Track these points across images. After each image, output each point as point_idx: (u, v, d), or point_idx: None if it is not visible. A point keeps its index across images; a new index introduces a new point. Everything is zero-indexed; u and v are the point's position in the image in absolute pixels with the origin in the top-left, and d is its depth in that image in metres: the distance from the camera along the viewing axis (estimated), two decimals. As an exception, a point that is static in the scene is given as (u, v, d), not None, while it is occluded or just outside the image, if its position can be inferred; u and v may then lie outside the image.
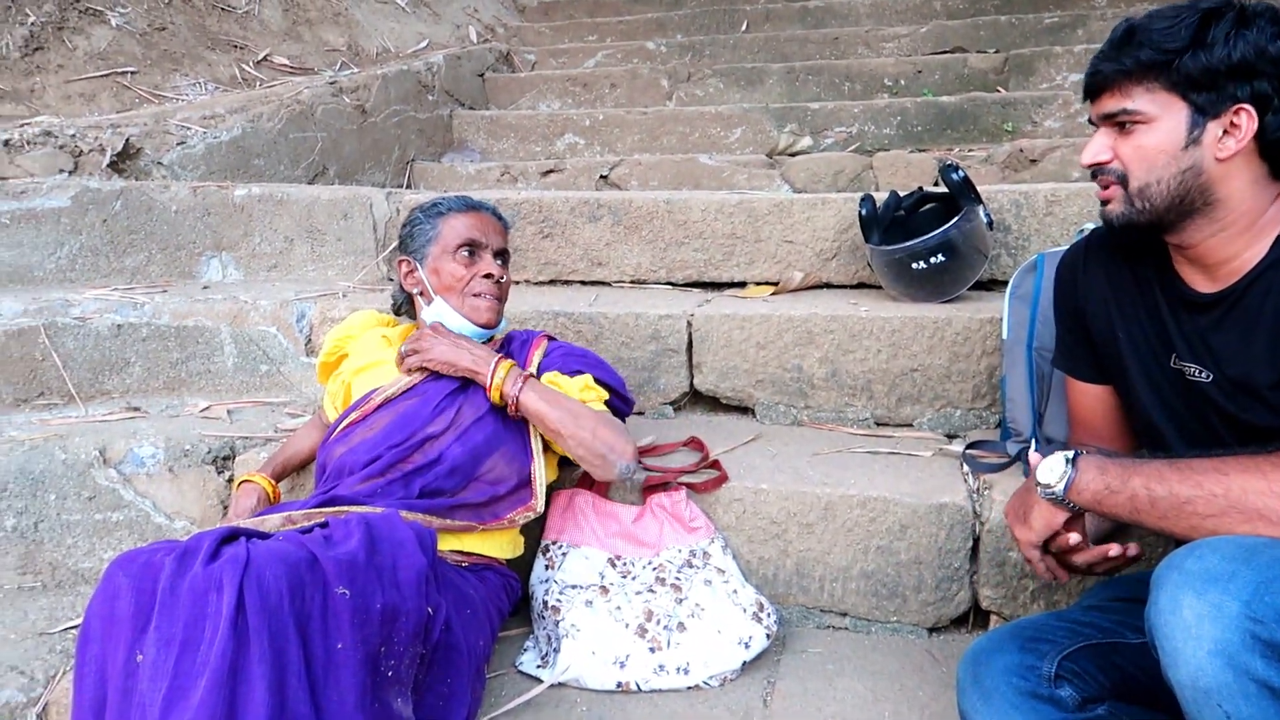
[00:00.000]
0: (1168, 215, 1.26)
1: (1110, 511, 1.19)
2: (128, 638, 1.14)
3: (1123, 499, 1.17)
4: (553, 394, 1.67)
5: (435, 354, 1.68)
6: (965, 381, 2.04)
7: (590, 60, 4.78)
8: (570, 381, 1.74)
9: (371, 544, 1.28)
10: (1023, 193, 2.30)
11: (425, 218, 1.82)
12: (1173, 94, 1.22)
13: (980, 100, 3.68)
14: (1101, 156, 1.28)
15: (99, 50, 3.43)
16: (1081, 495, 1.21)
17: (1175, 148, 1.23)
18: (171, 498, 1.99)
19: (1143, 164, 1.25)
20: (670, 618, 1.59)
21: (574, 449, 1.65)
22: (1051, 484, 1.23)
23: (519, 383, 1.65)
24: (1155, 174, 1.24)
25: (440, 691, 1.37)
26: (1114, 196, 1.28)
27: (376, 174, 3.76)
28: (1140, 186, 1.26)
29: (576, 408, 1.67)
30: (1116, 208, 1.29)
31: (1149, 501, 1.15)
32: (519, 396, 1.64)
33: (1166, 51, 1.20)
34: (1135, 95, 1.24)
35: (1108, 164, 1.28)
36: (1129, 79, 1.24)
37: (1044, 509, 1.26)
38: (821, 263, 2.43)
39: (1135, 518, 1.16)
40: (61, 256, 2.66)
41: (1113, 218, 1.30)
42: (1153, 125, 1.24)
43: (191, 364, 2.40)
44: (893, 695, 1.54)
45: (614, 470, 1.65)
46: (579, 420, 1.64)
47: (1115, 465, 1.20)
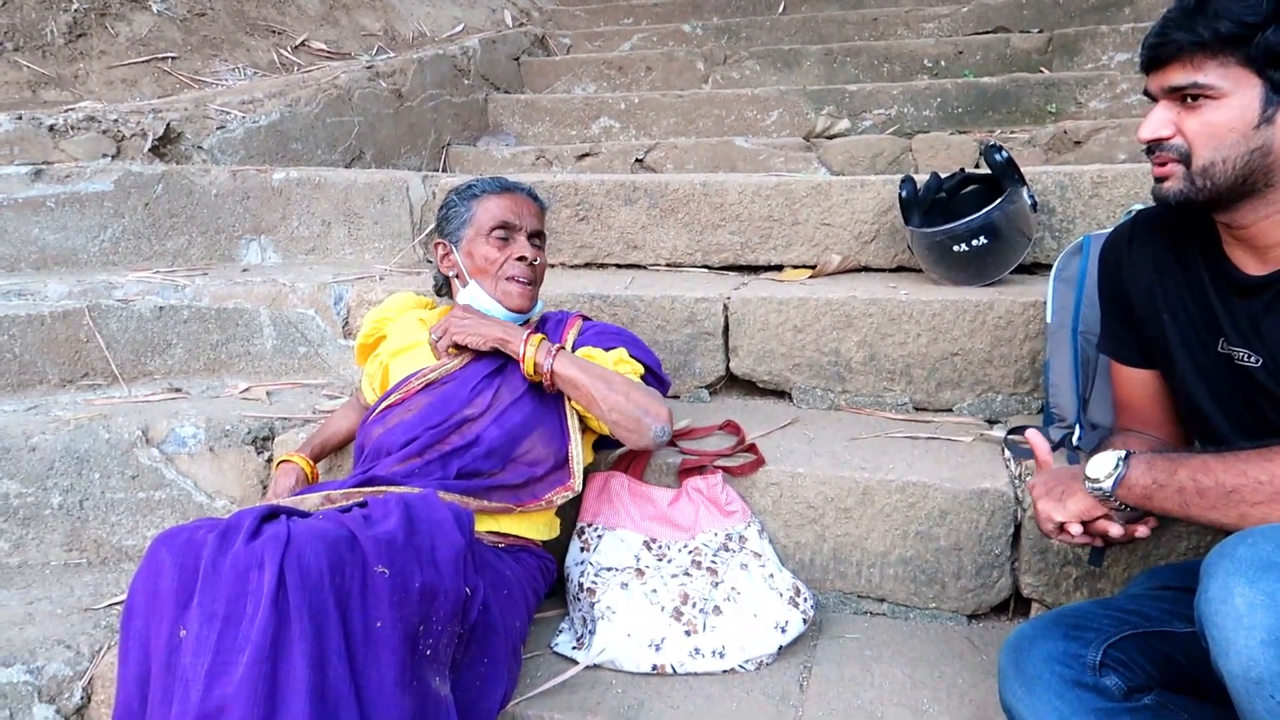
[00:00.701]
0: (1228, 195, 1.21)
1: (1160, 507, 1.17)
2: (171, 613, 1.16)
3: (1170, 492, 1.15)
4: (585, 363, 1.67)
5: (465, 328, 1.68)
6: (1007, 366, 2.01)
7: (626, 43, 4.75)
8: (605, 355, 1.74)
9: (410, 524, 1.28)
10: (1068, 174, 2.25)
11: (460, 200, 1.81)
12: (1248, 69, 1.16)
13: (1023, 81, 3.61)
14: (1163, 132, 1.22)
15: (140, 36, 3.47)
16: (1131, 491, 1.19)
17: (1246, 126, 1.17)
18: (212, 477, 2.02)
19: (1209, 141, 1.19)
20: (706, 601, 1.59)
21: (608, 414, 1.63)
22: (1100, 480, 1.21)
23: (552, 353, 1.65)
24: (1222, 152, 1.19)
25: (477, 671, 1.37)
26: (1173, 174, 1.23)
27: (412, 158, 3.78)
28: (1205, 165, 1.20)
29: (609, 374, 1.66)
30: (1175, 185, 1.23)
31: (1196, 493, 1.13)
32: (553, 366, 1.64)
33: (1246, 25, 1.14)
34: (1207, 69, 1.17)
35: (1168, 140, 1.22)
36: (1202, 51, 1.17)
37: (1084, 498, 1.24)
38: (860, 246, 2.40)
39: (1185, 511, 1.14)
40: (105, 239, 2.70)
41: (1169, 195, 1.24)
42: (1223, 101, 1.17)
43: (231, 346, 2.42)
44: (931, 682, 1.52)
45: (649, 434, 1.64)
46: (612, 385, 1.64)
47: (1162, 460, 1.18)
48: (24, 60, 3.20)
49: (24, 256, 2.64)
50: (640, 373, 1.76)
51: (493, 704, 1.39)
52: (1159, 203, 1.29)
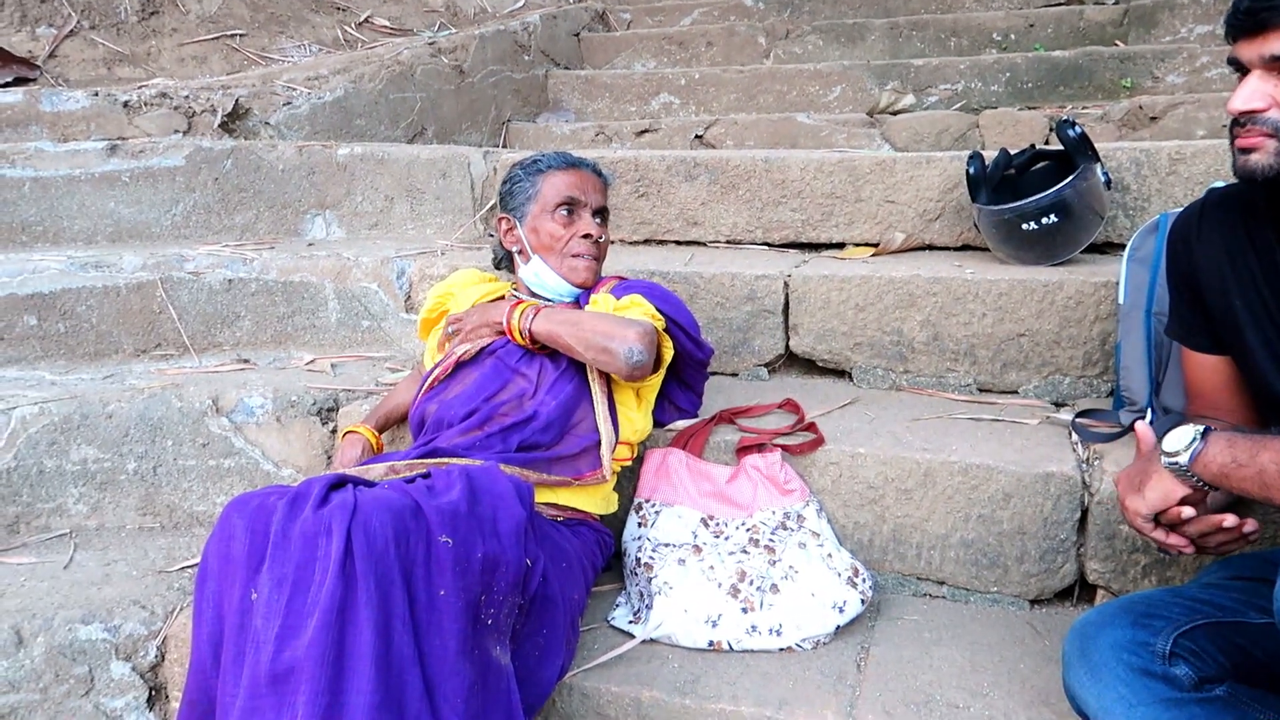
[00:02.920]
0: None
1: (1238, 486, 1.13)
2: (243, 577, 1.19)
3: (1251, 473, 1.11)
4: (560, 314, 1.68)
5: (469, 324, 1.75)
6: (1076, 348, 1.96)
7: (686, 18, 4.71)
8: (614, 302, 1.74)
9: (473, 495, 1.30)
10: (1144, 150, 2.18)
11: (525, 175, 1.82)
12: None
13: (1097, 55, 3.50)
14: (1257, 103, 1.16)
15: (210, 14, 3.53)
16: (1208, 468, 1.15)
17: None
18: (279, 446, 2.06)
19: None
20: (763, 579, 1.58)
21: (585, 353, 1.63)
22: (1177, 454, 1.17)
23: (530, 315, 1.67)
24: None
25: (537, 642, 1.39)
26: (1262, 147, 1.17)
27: (473, 134, 3.80)
28: None
29: (580, 317, 1.67)
30: (1265, 159, 1.18)
31: (1279, 475, 1.08)
32: (530, 328, 1.67)
33: None
34: None
35: (1262, 112, 1.16)
36: None
37: (1163, 480, 1.20)
38: (924, 224, 2.36)
39: (1265, 493, 1.10)
40: (176, 214, 2.77)
41: (1258, 169, 1.18)
42: None
43: (297, 319, 2.47)
44: (992, 666, 1.50)
45: (620, 358, 1.60)
46: (579, 325, 1.64)
47: (1244, 440, 1.14)
48: (100, 38, 3.28)
49: (100, 229, 2.72)
50: (653, 314, 1.73)
51: (551, 674, 1.41)
52: (1242, 179, 1.23)
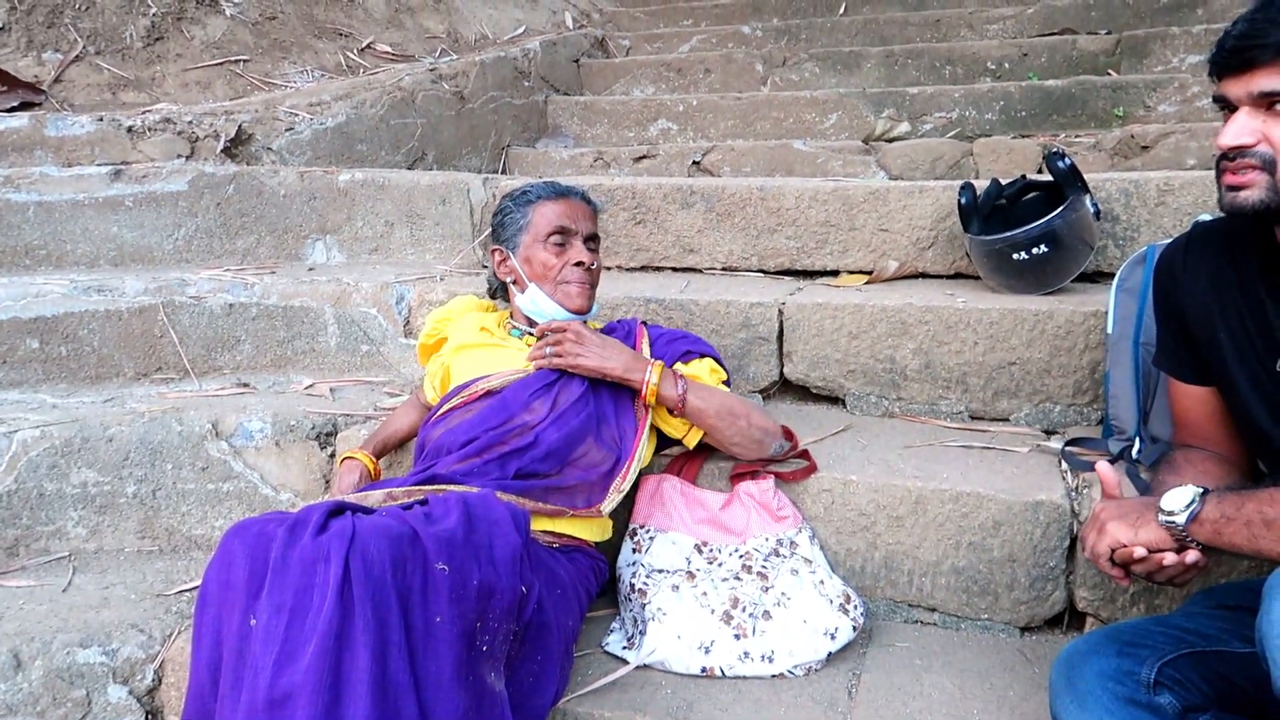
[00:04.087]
0: None
1: (1230, 542, 1.15)
2: (242, 603, 1.21)
3: (1239, 525, 1.14)
4: (707, 391, 1.73)
5: (585, 362, 1.69)
6: (1066, 376, 1.99)
7: (685, 45, 4.77)
8: (698, 367, 1.81)
9: (469, 522, 1.32)
10: (1133, 181, 2.22)
11: (515, 206, 1.85)
12: None
13: (1089, 84, 3.55)
14: (1247, 139, 1.18)
15: (214, 40, 3.58)
16: (1202, 527, 1.18)
17: None
18: (278, 470, 2.08)
19: None
20: (756, 605, 1.60)
21: (731, 440, 1.74)
22: (1175, 513, 1.19)
23: (680, 384, 1.70)
24: None
25: (531, 669, 1.41)
26: (1254, 183, 1.18)
27: (473, 159, 3.84)
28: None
29: (731, 403, 1.73)
30: (1256, 194, 1.18)
31: (1264, 524, 1.11)
32: (685, 398, 1.70)
33: None
34: None
35: (1252, 147, 1.18)
36: None
37: (1156, 530, 1.23)
38: (918, 252, 2.39)
39: (1254, 545, 1.13)
40: (179, 238, 2.80)
41: (1247, 204, 1.19)
42: None
43: (297, 343, 2.50)
44: (981, 693, 1.52)
45: (768, 452, 1.76)
46: (736, 414, 1.73)
47: (1231, 495, 1.17)
48: (105, 64, 3.32)
49: (103, 253, 2.75)
50: (725, 378, 1.84)
51: (545, 701, 1.42)
52: (1230, 214, 1.24)
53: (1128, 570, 1.27)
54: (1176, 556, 1.22)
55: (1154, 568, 1.23)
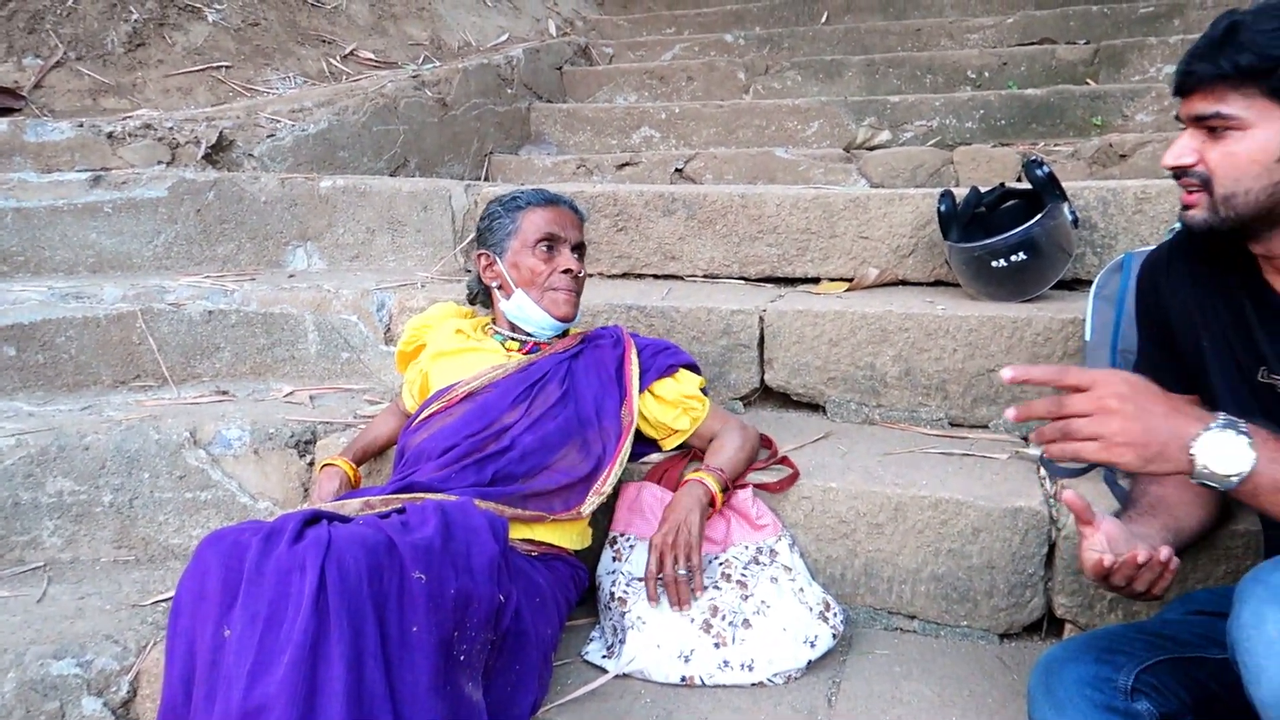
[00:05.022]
0: (1253, 225, 1.21)
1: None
2: (216, 613, 1.20)
3: None
4: (730, 463, 1.76)
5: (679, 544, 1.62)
6: (1044, 384, 1.99)
7: (667, 53, 4.78)
8: (677, 386, 1.84)
9: (447, 530, 1.31)
10: (1110, 189, 2.23)
11: (504, 211, 1.85)
12: (1272, 101, 1.15)
13: (1068, 93, 3.58)
14: (1186, 159, 1.22)
15: (196, 46, 3.56)
16: (1263, 482, 1.04)
17: (1269, 159, 1.16)
18: (256, 479, 2.07)
19: (1231, 172, 1.19)
20: (735, 614, 1.60)
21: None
22: (1229, 475, 1.06)
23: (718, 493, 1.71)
24: (1244, 184, 1.18)
25: (509, 678, 1.40)
26: (1198, 202, 1.23)
27: (455, 166, 3.83)
28: (1226, 195, 1.20)
29: (741, 455, 1.79)
30: (1199, 214, 1.23)
31: None
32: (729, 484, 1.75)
33: (1271, 58, 1.13)
34: (1230, 100, 1.17)
35: (1192, 167, 1.22)
36: (1225, 82, 1.17)
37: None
38: (898, 259, 2.40)
39: None
40: (158, 244, 2.78)
41: (1194, 223, 1.24)
42: (1247, 133, 1.17)
43: (277, 350, 2.48)
44: (960, 700, 1.52)
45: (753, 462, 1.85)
46: (738, 462, 1.78)
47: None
48: (86, 69, 3.30)
49: (81, 260, 2.73)
50: (702, 384, 1.88)
51: (523, 710, 1.42)
52: (1185, 229, 1.28)
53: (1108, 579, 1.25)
54: (1144, 553, 1.19)
55: (1130, 571, 1.22)
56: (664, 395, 1.83)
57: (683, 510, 1.64)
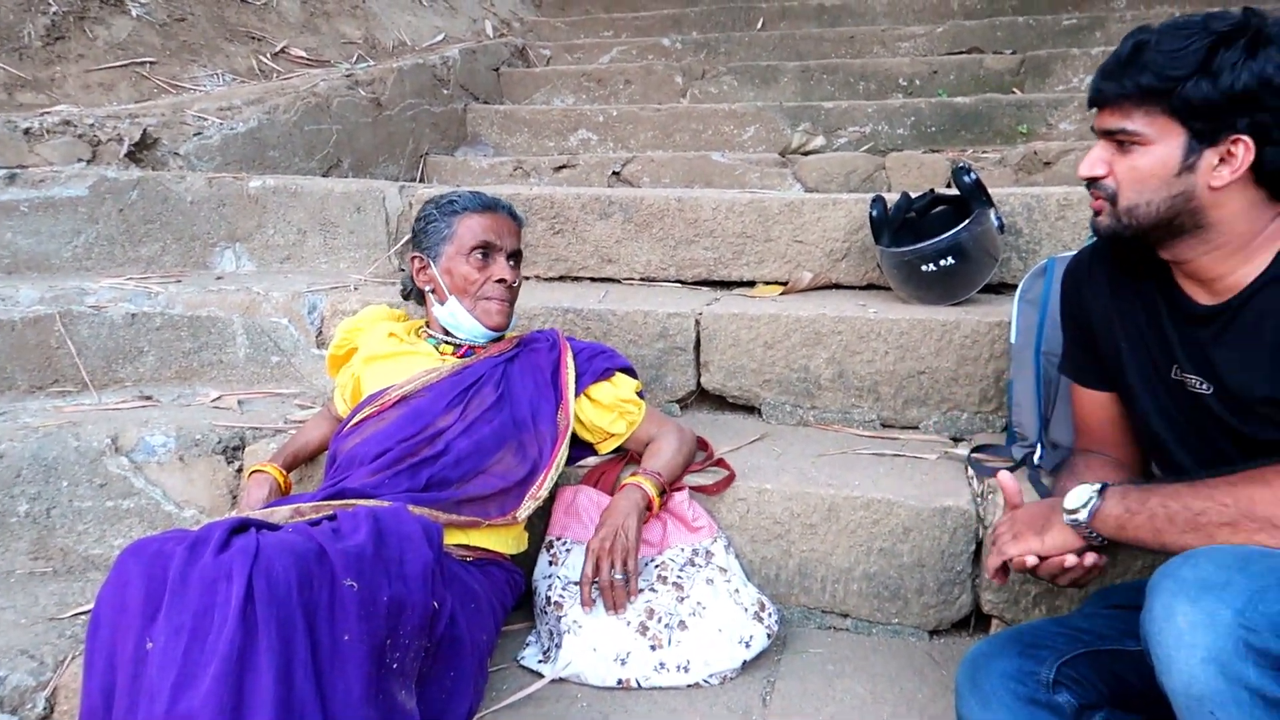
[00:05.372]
0: (1155, 233, 1.27)
1: (1134, 536, 1.19)
2: (137, 625, 1.16)
3: (1143, 519, 1.18)
4: (666, 467, 1.76)
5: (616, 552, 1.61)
6: (972, 385, 2.05)
7: (605, 56, 4.78)
8: (613, 390, 1.84)
9: (379, 537, 1.29)
10: (1035, 196, 2.30)
11: (440, 215, 1.82)
12: (1172, 119, 1.20)
13: (995, 102, 3.67)
14: (1098, 170, 1.28)
15: (119, 40, 3.45)
16: (1105, 522, 1.22)
17: (1168, 173, 1.22)
18: (181, 486, 2.01)
19: (1134, 185, 1.25)
20: (672, 616, 1.61)
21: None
22: (1076, 510, 1.23)
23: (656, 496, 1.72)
24: (1145, 196, 1.24)
25: (443, 685, 1.39)
26: (1105, 209, 1.29)
27: (390, 167, 3.78)
28: (1129, 206, 1.26)
29: (679, 458, 1.79)
30: (1105, 221, 1.29)
31: (1166, 519, 1.15)
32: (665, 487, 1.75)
33: (1169, 78, 1.18)
34: (1134, 117, 1.23)
35: (1102, 179, 1.28)
36: (1129, 100, 1.22)
37: (1062, 531, 1.27)
38: (831, 263, 2.43)
39: (1158, 538, 1.16)
40: (78, 245, 2.69)
41: (1100, 230, 1.31)
42: (1149, 148, 1.23)
43: (204, 354, 2.42)
44: (892, 697, 1.55)
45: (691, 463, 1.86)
46: (676, 466, 1.78)
47: (1135, 490, 1.21)
48: (1, 63, 3.18)
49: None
50: (639, 387, 1.88)
51: (459, 717, 1.40)
52: (1094, 234, 1.35)
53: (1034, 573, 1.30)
54: (1076, 559, 1.26)
55: (1055, 570, 1.27)
56: (600, 399, 1.83)
57: (619, 515, 1.64)
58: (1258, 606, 0.96)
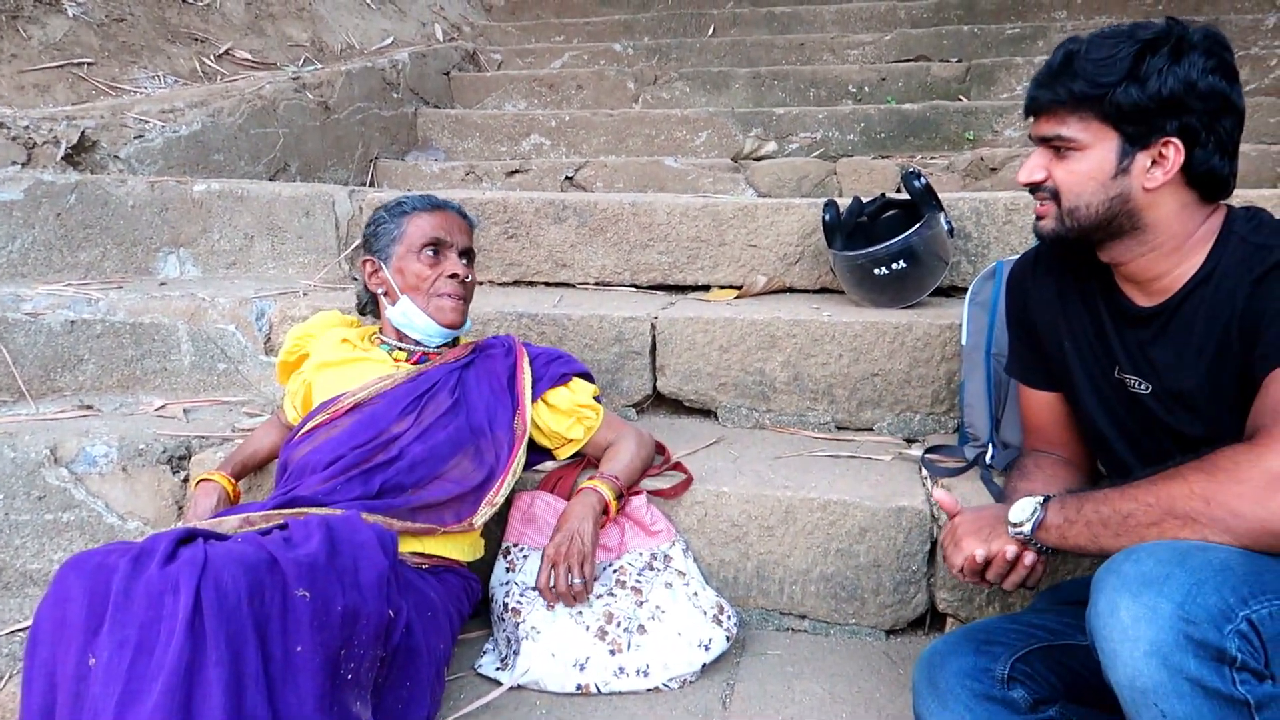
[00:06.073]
0: (1095, 235, 1.30)
1: (1074, 543, 1.21)
2: (79, 641, 1.13)
3: (1080, 526, 1.20)
4: (625, 470, 1.76)
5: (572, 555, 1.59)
6: (925, 386, 2.07)
7: (557, 61, 4.77)
8: (570, 395, 1.83)
9: (332, 545, 1.27)
10: (983, 200, 2.34)
11: (389, 217, 1.80)
12: (1105, 124, 1.25)
13: (942, 108, 3.73)
14: (1037, 176, 1.32)
15: (55, 40, 3.36)
16: (1048, 533, 1.24)
17: (1105, 175, 1.26)
18: (124, 498, 1.96)
19: (1074, 188, 1.29)
20: (630, 620, 1.60)
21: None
22: (1021, 523, 1.26)
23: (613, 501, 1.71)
24: (1085, 199, 1.28)
25: (399, 694, 1.36)
26: (1048, 213, 1.32)
27: (339, 171, 3.73)
28: (1070, 208, 1.29)
29: (636, 461, 1.79)
30: (1048, 224, 1.33)
31: (1100, 523, 1.18)
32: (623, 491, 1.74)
33: (1099, 85, 1.22)
34: (1069, 123, 1.27)
35: (1043, 183, 1.32)
36: (1063, 107, 1.26)
37: (1006, 541, 1.29)
38: (785, 267, 2.45)
39: (1095, 543, 1.19)
40: (13, 251, 2.60)
41: (1044, 233, 1.34)
42: (1085, 152, 1.27)
43: (147, 362, 2.36)
44: (850, 697, 1.56)
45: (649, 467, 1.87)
46: (634, 470, 1.78)
47: (1072, 499, 1.24)
48: (-72, 62, 3.07)
49: (-75, 267, 2.53)
50: (596, 392, 1.87)
51: (415, 727, 1.38)
52: (1039, 239, 1.38)
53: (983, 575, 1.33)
54: (1018, 549, 1.28)
55: (1001, 570, 1.29)
56: (557, 404, 1.82)
57: (576, 520, 1.63)
58: (1196, 599, 0.99)
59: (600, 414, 1.85)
